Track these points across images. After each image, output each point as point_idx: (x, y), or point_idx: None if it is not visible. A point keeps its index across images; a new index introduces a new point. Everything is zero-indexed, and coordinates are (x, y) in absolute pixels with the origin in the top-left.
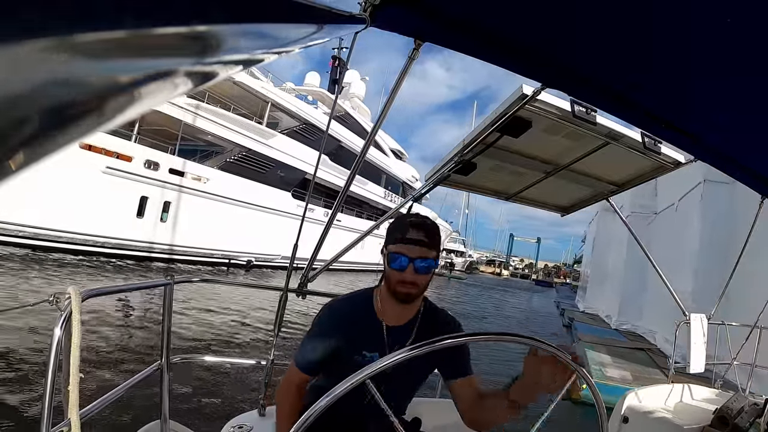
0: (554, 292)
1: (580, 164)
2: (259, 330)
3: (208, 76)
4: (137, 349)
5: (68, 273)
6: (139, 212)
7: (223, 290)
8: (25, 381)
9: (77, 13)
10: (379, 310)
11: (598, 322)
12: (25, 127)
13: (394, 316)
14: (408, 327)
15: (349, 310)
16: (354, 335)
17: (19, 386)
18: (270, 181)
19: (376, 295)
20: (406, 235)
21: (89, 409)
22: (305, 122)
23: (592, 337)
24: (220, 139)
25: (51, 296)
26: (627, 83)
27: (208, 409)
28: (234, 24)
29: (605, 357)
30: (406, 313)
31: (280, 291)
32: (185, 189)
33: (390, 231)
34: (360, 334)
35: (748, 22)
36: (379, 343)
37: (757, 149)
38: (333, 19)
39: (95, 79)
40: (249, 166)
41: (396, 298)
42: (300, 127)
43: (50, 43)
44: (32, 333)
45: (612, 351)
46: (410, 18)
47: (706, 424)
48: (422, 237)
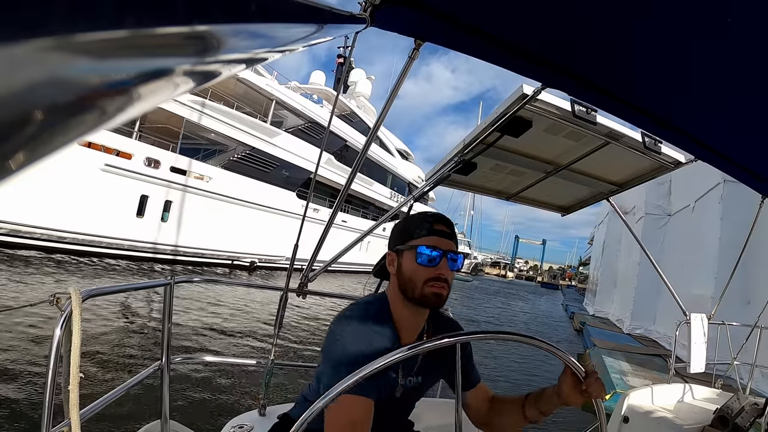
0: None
1: (580, 164)
2: (259, 330)
3: (210, 75)
4: (137, 349)
5: (63, 274)
6: (139, 211)
7: (224, 290)
8: (25, 381)
9: (79, 12)
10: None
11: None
12: (26, 127)
13: (410, 329)
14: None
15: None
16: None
17: (19, 386)
18: (274, 181)
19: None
20: (434, 227)
21: (89, 409)
22: (310, 121)
23: (607, 343)
24: (223, 137)
25: (51, 296)
26: (627, 83)
27: (208, 409)
28: (234, 23)
29: (624, 365)
30: (416, 325)
31: (280, 291)
32: (187, 188)
33: (405, 228)
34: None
35: (748, 22)
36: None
37: (757, 149)
38: (333, 19)
39: (97, 78)
40: (253, 165)
41: (424, 303)
42: (305, 126)
43: (52, 42)
44: (31, 333)
45: (630, 358)
46: (410, 18)
47: (707, 424)
48: (450, 229)
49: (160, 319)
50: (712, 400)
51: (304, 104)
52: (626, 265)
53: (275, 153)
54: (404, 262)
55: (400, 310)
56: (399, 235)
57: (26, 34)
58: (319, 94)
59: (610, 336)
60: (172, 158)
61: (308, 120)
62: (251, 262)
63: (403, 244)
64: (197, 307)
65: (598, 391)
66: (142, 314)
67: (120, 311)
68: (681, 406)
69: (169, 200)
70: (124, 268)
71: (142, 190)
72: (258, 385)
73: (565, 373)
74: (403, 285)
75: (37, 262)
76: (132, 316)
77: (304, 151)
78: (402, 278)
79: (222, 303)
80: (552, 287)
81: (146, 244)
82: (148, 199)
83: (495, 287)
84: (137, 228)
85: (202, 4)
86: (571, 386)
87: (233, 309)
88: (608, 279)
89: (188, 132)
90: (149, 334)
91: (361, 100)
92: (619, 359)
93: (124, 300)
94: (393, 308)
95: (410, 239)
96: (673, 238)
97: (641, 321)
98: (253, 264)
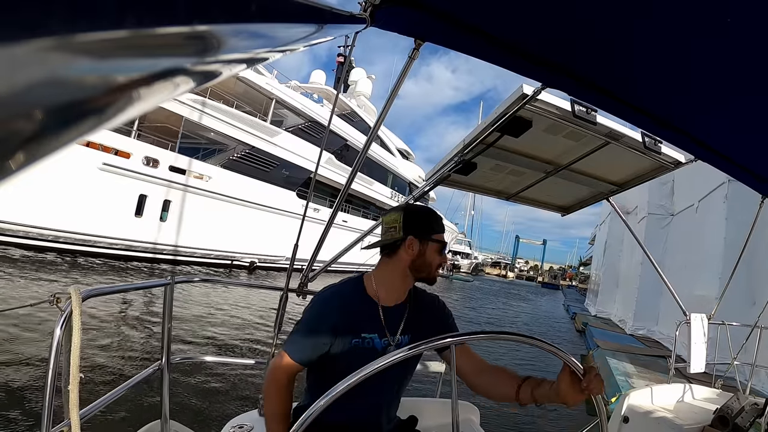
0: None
1: (580, 164)
2: (259, 330)
3: (210, 75)
4: (137, 349)
5: (61, 274)
6: (138, 211)
7: (224, 290)
8: (25, 381)
9: (80, 12)
10: (374, 293)
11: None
12: (26, 127)
13: (391, 297)
14: (402, 306)
15: (344, 295)
16: (351, 319)
17: (19, 386)
18: (274, 180)
19: (366, 280)
20: (442, 225)
21: (89, 409)
22: (311, 120)
23: (610, 344)
24: (222, 136)
25: (51, 296)
26: (627, 83)
27: (208, 409)
28: (235, 23)
29: (629, 366)
30: (401, 295)
31: (280, 291)
32: (186, 187)
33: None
34: (356, 317)
35: (747, 21)
36: (376, 323)
37: (757, 149)
38: (333, 19)
39: (98, 78)
40: (253, 164)
41: (430, 281)
42: (305, 125)
43: (52, 42)
44: (32, 333)
45: (634, 359)
46: (410, 18)
47: (707, 424)
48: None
49: (160, 319)
50: (712, 400)
51: (304, 103)
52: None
53: (275, 152)
54: (428, 251)
55: (386, 281)
56: (424, 227)
57: (27, 34)
58: (319, 93)
59: (613, 337)
60: (171, 157)
61: (308, 119)
62: (251, 262)
63: (428, 237)
64: (197, 307)
65: (598, 387)
66: (142, 314)
67: (120, 311)
68: (681, 406)
69: (168, 200)
70: (121, 269)
71: (141, 189)
72: (258, 385)
73: (564, 372)
74: (420, 267)
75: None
76: (132, 315)
77: (305, 151)
78: (421, 261)
79: (222, 303)
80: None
81: (145, 244)
82: (146, 199)
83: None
84: (136, 228)
85: (203, 5)
86: (569, 384)
87: (233, 309)
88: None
89: (187, 131)
90: (149, 334)
91: (361, 99)
92: (623, 361)
93: (124, 300)
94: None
95: (435, 233)
96: (677, 238)
97: (644, 322)
98: (252, 264)
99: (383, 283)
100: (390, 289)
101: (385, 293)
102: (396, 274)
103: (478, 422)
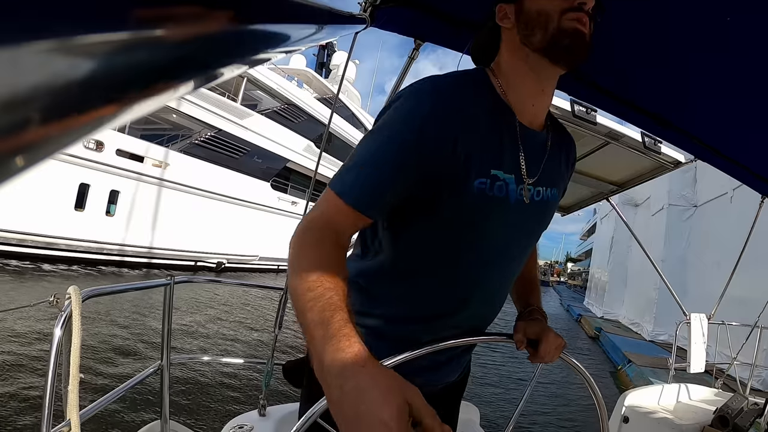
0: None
1: (580, 164)
2: (259, 330)
3: (211, 75)
4: (137, 349)
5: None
6: (79, 204)
7: (224, 290)
8: (25, 381)
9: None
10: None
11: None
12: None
13: (526, 111)
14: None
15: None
16: (478, 137)
17: (19, 386)
18: (245, 169)
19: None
20: None
21: (89, 409)
22: (288, 102)
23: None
24: (186, 117)
25: (51, 296)
26: (626, 83)
27: (208, 409)
28: (236, 24)
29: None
30: (538, 110)
31: (281, 291)
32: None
33: None
34: (486, 136)
35: (747, 21)
36: (514, 155)
37: (757, 149)
38: (333, 19)
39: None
40: (219, 149)
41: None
42: (282, 108)
43: (53, 43)
44: (32, 334)
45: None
46: (410, 18)
47: (706, 424)
48: None
49: (160, 320)
50: (712, 400)
51: (280, 84)
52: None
53: (246, 136)
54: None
55: (513, 76)
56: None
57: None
58: (299, 76)
59: (637, 346)
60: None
61: (285, 102)
62: (218, 262)
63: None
64: (197, 306)
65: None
66: (142, 314)
67: (120, 311)
68: (681, 406)
69: (116, 190)
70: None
71: (82, 177)
72: (258, 385)
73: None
74: (531, 28)
75: None
76: (132, 315)
77: (280, 136)
78: (527, 19)
79: (222, 303)
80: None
81: (88, 243)
82: (89, 189)
83: None
84: (76, 224)
85: (203, 5)
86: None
87: (233, 309)
88: (618, 278)
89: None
90: (149, 334)
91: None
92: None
93: (124, 300)
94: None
95: None
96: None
97: (665, 326)
98: (220, 265)
99: (511, 84)
100: (521, 91)
101: (518, 100)
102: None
103: (478, 422)
